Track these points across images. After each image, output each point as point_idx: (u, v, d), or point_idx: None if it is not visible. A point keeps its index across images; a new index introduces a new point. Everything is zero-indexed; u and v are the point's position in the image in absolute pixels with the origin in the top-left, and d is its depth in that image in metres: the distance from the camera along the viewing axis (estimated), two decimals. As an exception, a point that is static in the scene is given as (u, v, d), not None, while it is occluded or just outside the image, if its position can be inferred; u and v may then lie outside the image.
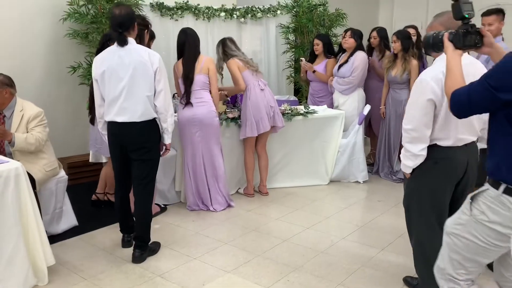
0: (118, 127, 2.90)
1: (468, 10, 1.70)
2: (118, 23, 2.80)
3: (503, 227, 1.58)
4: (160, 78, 2.88)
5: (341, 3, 6.35)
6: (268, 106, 4.09)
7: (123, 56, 2.83)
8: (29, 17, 4.43)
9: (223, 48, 4.11)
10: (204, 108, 3.73)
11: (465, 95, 1.58)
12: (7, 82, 3.08)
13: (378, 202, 4.18)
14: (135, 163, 2.98)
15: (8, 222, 2.49)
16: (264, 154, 4.30)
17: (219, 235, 3.45)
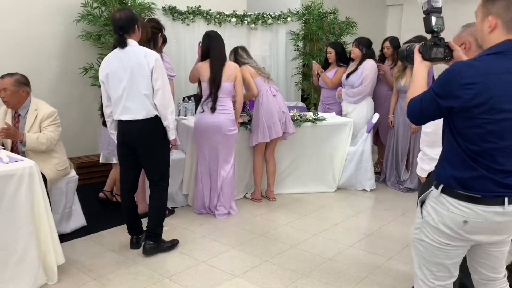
0: (124, 126, 3.02)
1: (438, 24, 1.76)
2: (119, 26, 2.91)
3: (445, 227, 1.64)
4: (157, 77, 2.93)
5: (351, 11, 6.38)
6: (281, 112, 4.12)
7: (122, 58, 2.93)
8: (43, 18, 4.49)
9: (235, 57, 4.14)
10: (225, 116, 3.76)
11: (418, 102, 1.66)
12: (24, 81, 3.13)
13: (385, 211, 4.18)
14: (143, 160, 3.07)
15: (21, 220, 2.51)
16: (272, 160, 4.32)
17: (227, 239, 3.46)
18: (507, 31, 1.53)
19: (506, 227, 1.63)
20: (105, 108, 3.10)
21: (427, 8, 1.76)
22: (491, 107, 1.48)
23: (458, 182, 1.59)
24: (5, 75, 3.11)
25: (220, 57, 3.76)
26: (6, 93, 3.06)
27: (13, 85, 3.07)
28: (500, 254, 1.75)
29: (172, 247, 3.24)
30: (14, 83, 3.07)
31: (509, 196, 1.57)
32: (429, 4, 1.75)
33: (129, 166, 3.13)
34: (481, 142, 1.53)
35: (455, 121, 1.58)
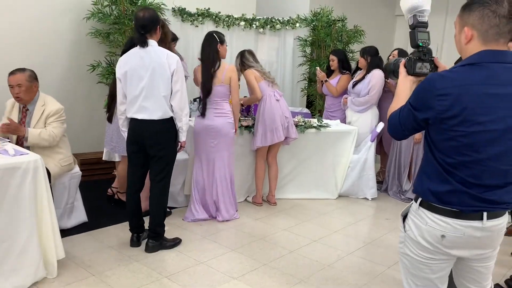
0: (138, 124, 3.04)
1: (423, 39, 1.75)
2: (141, 25, 2.93)
3: (425, 241, 1.62)
4: (177, 79, 2.99)
5: (359, 20, 6.41)
6: (283, 117, 4.12)
7: (143, 57, 2.95)
8: (54, 15, 4.53)
9: (241, 59, 4.14)
10: (222, 119, 3.72)
11: (397, 116, 1.65)
12: (34, 76, 3.16)
13: (386, 220, 4.17)
14: (152, 159, 3.10)
15: (24, 213, 2.53)
16: (274, 164, 4.32)
17: (226, 242, 3.46)
18: (483, 42, 1.50)
19: (487, 242, 1.60)
20: (120, 105, 3.11)
21: (413, 23, 1.75)
22: (465, 119, 1.45)
23: (435, 195, 1.57)
24: (16, 71, 3.11)
25: (208, 60, 3.61)
26: (21, 89, 3.07)
27: (27, 81, 3.09)
28: (485, 269, 1.70)
29: (174, 245, 3.28)
30: (28, 78, 3.09)
31: (488, 210, 1.53)
32: (415, 18, 1.74)
33: (137, 165, 3.15)
34: (456, 155, 1.51)
35: (431, 133, 1.57)
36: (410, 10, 1.75)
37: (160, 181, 3.15)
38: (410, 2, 1.74)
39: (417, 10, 1.74)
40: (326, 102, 5.32)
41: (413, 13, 1.74)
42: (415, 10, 1.74)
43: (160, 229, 3.21)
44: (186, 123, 3.10)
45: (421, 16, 1.74)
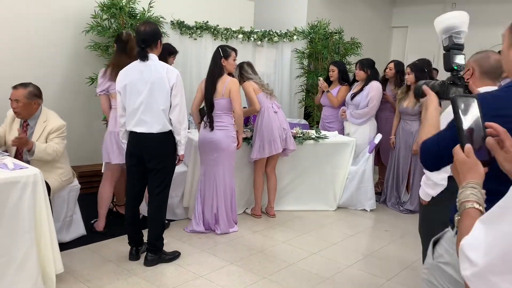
0: (137, 137, 3.06)
1: (458, 63, 1.65)
2: (142, 39, 2.97)
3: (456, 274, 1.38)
4: (176, 93, 3.01)
5: (356, 32, 6.47)
6: (281, 128, 4.14)
7: (143, 71, 2.98)
8: (54, 28, 4.55)
9: (240, 71, 4.15)
10: (223, 132, 3.72)
11: (435, 146, 1.44)
12: (36, 92, 3.15)
13: (385, 232, 4.17)
14: (151, 172, 3.10)
15: (23, 227, 2.52)
16: (273, 176, 4.32)
17: (225, 255, 3.45)
18: None
19: None
20: (120, 117, 3.14)
21: (448, 44, 1.64)
22: None
23: None
24: (19, 86, 3.12)
25: (210, 74, 3.72)
26: (18, 104, 3.08)
27: (26, 97, 3.09)
28: None
29: (173, 258, 3.27)
30: (27, 95, 3.10)
31: None
32: (450, 40, 1.63)
33: (136, 178, 3.16)
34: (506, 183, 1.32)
35: None
36: (445, 31, 1.65)
37: (159, 194, 3.15)
38: (446, 22, 1.64)
39: (454, 31, 1.63)
40: (323, 113, 5.33)
41: (449, 34, 1.64)
42: (451, 31, 1.63)
43: (159, 242, 3.20)
44: (185, 137, 3.11)
45: (457, 37, 1.63)
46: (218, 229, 3.85)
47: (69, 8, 4.64)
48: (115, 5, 4.62)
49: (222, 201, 3.85)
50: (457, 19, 1.66)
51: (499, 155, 1.10)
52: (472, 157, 1.10)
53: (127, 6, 4.68)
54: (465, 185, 1.08)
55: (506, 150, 1.10)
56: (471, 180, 1.08)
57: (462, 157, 1.11)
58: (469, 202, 1.04)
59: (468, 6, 7.54)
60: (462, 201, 1.06)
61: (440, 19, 1.69)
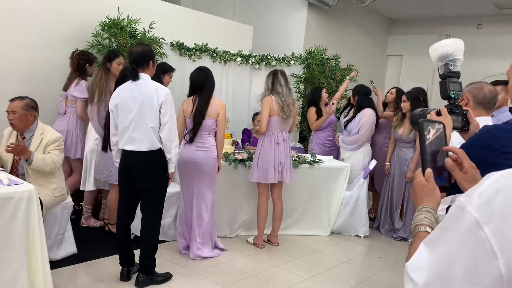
0: (128, 155, 3.07)
1: (455, 90, 1.62)
2: (133, 59, 3.04)
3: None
4: (166, 111, 3.02)
5: (352, 58, 6.59)
6: (278, 162, 4.00)
7: (134, 90, 3.02)
8: (54, 46, 4.58)
9: (272, 80, 4.02)
10: (205, 153, 3.64)
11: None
12: (32, 105, 3.18)
13: (378, 258, 4.16)
14: (142, 191, 3.09)
15: (15, 244, 2.49)
16: (279, 203, 4.16)
17: (217, 278, 3.42)
18: None
19: None
20: (112, 136, 3.15)
21: (444, 72, 1.61)
22: None
23: None
24: (16, 98, 3.17)
25: (209, 95, 3.63)
26: (15, 115, 3.10)
27: (22, 109, 3.11)
28: None
29: (165, 280, 3.22)
30: (23, 106, 3.12)
31: None
32: (446, 67, 1.61)
33: (128, 196, 3.14)
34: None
35: None
36: (441, 58, 1.62)
37: (150, 214, 3.12)
38: (442, 50, 1.62)
39: (449, 58, 1.61)
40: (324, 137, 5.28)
41: (445, 62, 1.61)
42: (446, 59, 1.61)
43: (150, 263, 3.17)
44: (175, 155, 3.11)
45: (453, 65, 1.60)
46: (191, 253, 3.72)
47: (71, 26, 4.69)
48: (116, 25, 4.68)
49: (198, 223, 3.73)
50: (452, 46, 1.65)
51: (458, 175, 1.14)
52: (431, 182, 1.11)
53: (128, 26, 4.74)
54: (421, 208, 1.10)
55: (465, 171, 1.13)
56: (427, 205, 1.10)
57: (421, 180, 1.13)
58: (422, 225, 1.06)
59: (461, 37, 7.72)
60: (416, 224, 1.07)
61: (435, 46, 1.68)
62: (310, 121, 5.30)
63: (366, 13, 8.22)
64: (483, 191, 0.83)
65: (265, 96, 4.02)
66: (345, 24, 7.79)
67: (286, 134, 4.09)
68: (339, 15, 7.60)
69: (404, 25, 8.87)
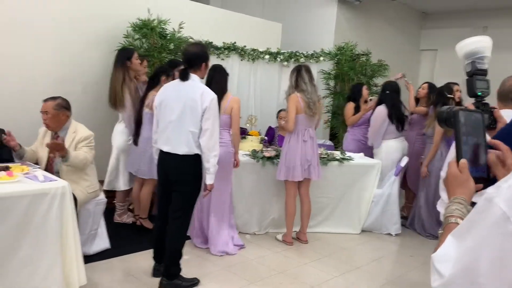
0: (164, 156, 3.05)
1: (482, 88, 1.59)
2: (186, 59, 3.02)
3: None
4: (208, 117, 2.90)
5: (383, 54, 6.47)
6: (305, 159, 3.98)
7: (180, 90, 2.97)
8: (87, 46, 4.72)
9: (296, 77, 3.97)
10: (222, 148, 3.58)
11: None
12: (65, 105, 3.28)
13: (410, 257, 4.07)
14: (173, 194, 3.05)
15: (50, 238, 2.59)
16: (306, 200, 4.15)
17: (246, 274, 3.43)
18: None
19: None
20: (153, 133, 3.15)
21: (471, 70, 1.59)
22: None
23: None
24: (48, 99, 3.27)
25: (219, 89, 3.54)
26: (48, 116, 3.21)
27: (54, 109, 3.22)
28: None
29: (192, 285, 3.14)
30: (55, 106, 3.23)
31: None
32: (473, 65, 1.58)
33: (164, 195, 3.12)
34: None
35: None
36: (468, 56, 1.61)
37: (177, 219, 3.03)
38: (468, 48, 1.60)
39: (476, 56, 1.58)
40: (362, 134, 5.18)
41: (471, 60, 1.59)
42: (473, 57, 1.59)
43: (174, 268, 3.07)
44: (214, 165, 2.96)
45: (480, 63, 1.58)
46: (212, 249, 3.76)
47: (104, 28, 4.82)
48: (147, 26, 4.78)
49: (216, 218, 3.77)
50: (480, 43, 1.61)
51: (499, 172, 1.09)
52: (465, 173, 1.07)
53: (158, 26, 4.83)
54: (453, 200, 1.07)
55: (507, 168, 1.08)
56: (459, 196, 1.07)
57: (454, 171, 1.09)
58: (452, 217, 1.03)
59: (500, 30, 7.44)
60: (446, 216, 1.05)
61: (462, 44, 1.65)
62: (346, 116, 5.22)
63: (398, 7, 8.04)
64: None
65: (290, 94, 3.99)
66: (375, 19, 7.66)
67: (312, 132, 4.06)
68: (370, 10, 7.48)
69: (437, 19, 8.62)
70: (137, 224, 4.19)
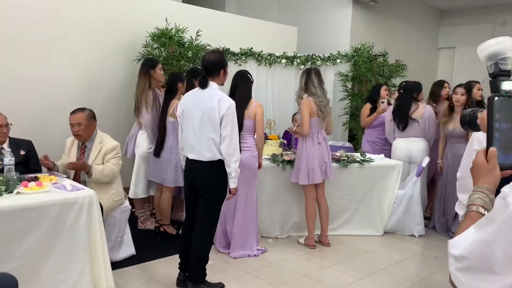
0: (190, 163, 3.12)
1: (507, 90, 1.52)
2: (204, 67, 3.07)
3: None
4: (226, 124, 2.96)
5: (401, 54, 6.42)
6: (322, 161, 4.03)
7: (199, 98, 3.04)
8: (107, 56, 4.84)
9: (306, 80, 4.04)
10: (247, 153, 3.71)
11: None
12: (93, 115, 3.39)
13: (434, 258, 4.02)
14: (199, 199, 3.11)
15: (79, 246, 2.67)
16: (323, 202, 4.19)
17: (270, 278, 3.45)
18: None
19: None
20: (180, 141, 3.23)
21: (494, 71, 1.55)
22: None
23: None
24: (76, 110, 3.36)
25: (243, 98, 3.68)
26: (81, 127, 3.31)
27: (86, 120, 3.32)
28: None
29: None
30: (87, 117, 3.33)
31: None
32: (497, 66, 1.54)
33: (190, 203, 3.18)
34: None
35: None
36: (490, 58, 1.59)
37: (203, 222, 3.09)
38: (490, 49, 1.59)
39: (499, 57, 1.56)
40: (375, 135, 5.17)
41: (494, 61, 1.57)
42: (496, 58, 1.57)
43: (200, 272, 3.12)
44: (235, 170, 3.02)
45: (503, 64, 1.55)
46: (233, 252, 3.81)
47: (123, 38, 4.93)
48: (165, 35, 4.88)
49: (240, 223, 3.82)
50: (502, 45, 1.60)
51: None
52: (492, 162, 1.08)
53: (176, 35, 4.92)
54: (476, 188, 1.09)
55: None
56: (482, 185, 1.08)
57: (481, 160, 1.10)
58: (474, 205, 1.06)
59: (520, 25, 7.33)
60: (468, 204, 1.08)
61: (483, 46, 1.64)
62: (362, 117, 5.24)
63: (414, 6, 7.99)
64: None
65: (300, 96, 4.06)
66: (392, 19, 7.62)
67: (324, 133, 4.13)
68: (386, 9, 7.45)
69: (455, 16, 8.53)
70: (161, 230, 4.25)
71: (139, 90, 4.25)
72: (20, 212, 2.46)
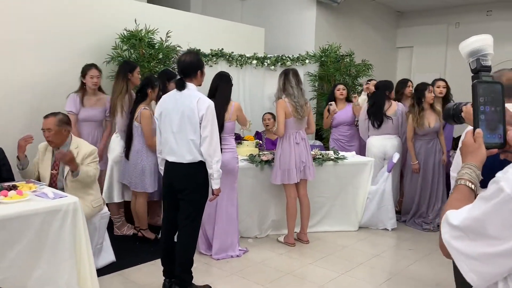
0: (169, 166, 3.07)
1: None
2: (180, 69, 3.03)
3: None
4: (206, 124, 2.93)
5: (362, 54, 6.63)
6: (299, 161, 4.06)
7: (178, 100, 3.00)
8: (75, 59, 4.67)
9: (284, 80, 4.06)
10: (229, 154, 3.72)
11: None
12: (66, 120, 3.26)
13: (409, 250, 4.19)
14: (180, 202, 3.06)
15: (65, 254, 2.58)
16: (305, 201, 4.23)
17: (255, 277, 3.47)
18: None
19: None
20: (158, 144, 3.17)
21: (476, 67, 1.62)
22: None
23: None
24: (49, 115, 3.23)
25: (223, 98, 3.70)
26: (50, 133, 3.18)
27: (56, 125, 3.19)
28: None
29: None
30: (57, 122, 3.20)
31: None
32: (478, 62, 1.61)
33: (170, 206, 3.12)
34: None
35: None
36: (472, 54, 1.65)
37: (186, 226, 3.05)
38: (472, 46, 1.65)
39: (480, 54, 1.63)
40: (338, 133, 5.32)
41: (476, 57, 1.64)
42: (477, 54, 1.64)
43: (186, 276, 3.08)
44: (217, 170, 2.99)
45: (484, 60, 1.62)
46: (214, 254, 3.81)
47: (92, 40, 4.79)
48: (135, 36, 4.78)
49: (221, 224, 3.83)
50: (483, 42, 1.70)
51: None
52: (478, 142, 1.20)
53: (146, 36, 4.83)
54: (464, 165, 1.21)
55: None
56: (469, 162, 1.21)
57: (468, 140, 1.22)
58: (462, 179, 1.17)
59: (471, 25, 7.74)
60: (457, 178, 1.19)
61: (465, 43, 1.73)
62: (324, 117, 5.39)
63: (374, 7, 8.26)
64: None
65: (278, 98, 4.09)
66: (354, 20, 7.84)
67: (303, 133, 4.15)
68: (348, 11, 7.65)
69: (412, 17, 8.88)
70: (139, 236, 4.17)
71: (115, 93, 4.14)
72: (3, 222, 2.35)
